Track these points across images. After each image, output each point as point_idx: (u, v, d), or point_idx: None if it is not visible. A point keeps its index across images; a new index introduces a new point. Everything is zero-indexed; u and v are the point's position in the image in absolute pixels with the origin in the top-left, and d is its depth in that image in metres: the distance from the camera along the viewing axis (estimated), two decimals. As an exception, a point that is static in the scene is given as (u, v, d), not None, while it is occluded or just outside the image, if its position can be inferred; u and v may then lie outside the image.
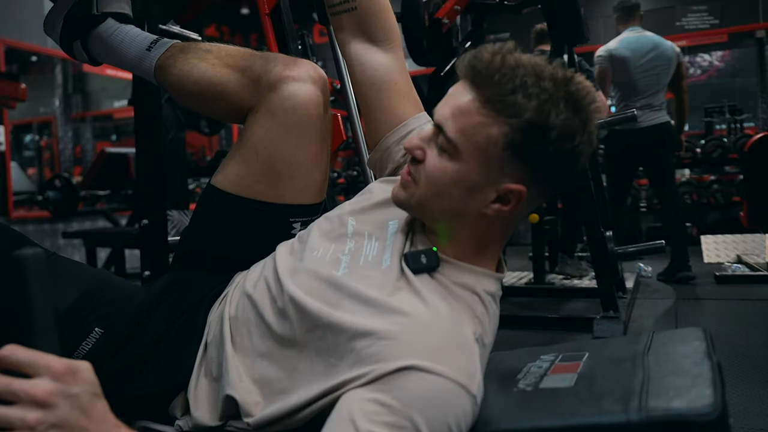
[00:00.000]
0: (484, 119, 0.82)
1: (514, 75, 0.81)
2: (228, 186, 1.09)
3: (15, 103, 4.82)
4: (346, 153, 6.49)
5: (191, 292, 1.04)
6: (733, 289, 3.55)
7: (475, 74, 0.83)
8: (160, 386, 0.96)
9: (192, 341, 0.98)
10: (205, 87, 1.12)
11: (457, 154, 0.84)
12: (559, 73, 0.83)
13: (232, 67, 1.11)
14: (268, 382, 0.88)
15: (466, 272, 0.89)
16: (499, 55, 0.83)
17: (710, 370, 0.84)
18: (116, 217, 5.25)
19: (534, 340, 2.57)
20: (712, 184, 5.76)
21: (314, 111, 1.06)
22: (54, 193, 4.80)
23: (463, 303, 0.87)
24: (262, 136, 1.06)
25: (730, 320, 2.84)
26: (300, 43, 3.15)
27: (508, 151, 0.82)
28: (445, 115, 0.85)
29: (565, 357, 1.01)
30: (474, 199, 0.86)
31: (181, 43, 1.20)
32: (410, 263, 0.88)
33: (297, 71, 1.06)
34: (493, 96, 0.81)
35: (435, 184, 0.86)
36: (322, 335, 0.84)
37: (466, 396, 0.76)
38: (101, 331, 0.99)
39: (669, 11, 7.16)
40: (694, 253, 4.81)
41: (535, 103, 0.80)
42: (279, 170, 1.06)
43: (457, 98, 0.85)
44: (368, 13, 1.12)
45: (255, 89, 1.08)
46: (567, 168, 0.86)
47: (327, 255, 0.94)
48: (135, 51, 1.21)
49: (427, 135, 0.89)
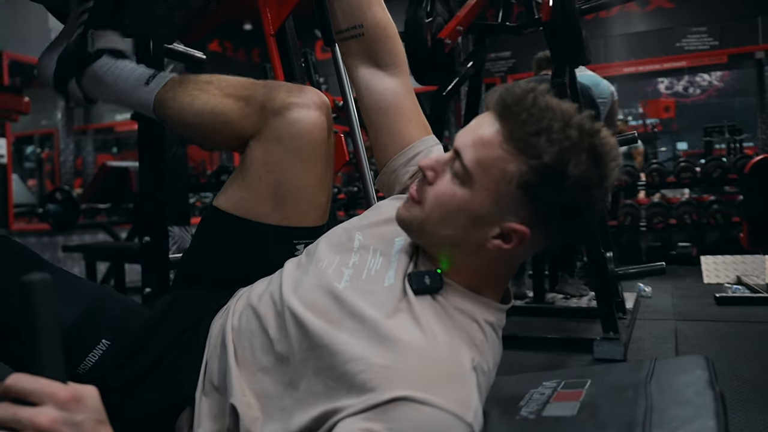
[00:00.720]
0: (503, 154, 0.82)
1: (542, 117, 0.81)
2: (232, 208, 1.10)
3: (18, 116, 4.84)
4: (346, 168, 6.50)
5: (193, 309, 1.05)
6: (733, 311, 3.53)
7: (504, 108, 0.83)
8: (164, 403, 0.96)
9: (195, 358, 0.98)
10: (208, 118, 1.12)
11: (470, 182, 0.84)
12: (586, 124, 0.83)
13: (234, 97, 1.11)
14: (269, 397, 0.88)
15: (467, 299, 0.89)
16: (531, 94, 0.83)
17: (713, 401, 0.84)
18: (116, 231, 5.25)
19: (534, 361, 2.56)
20: (711, 204, 5.76)
21: (319, 136, 1.07)
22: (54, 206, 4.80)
23: (462, 330, 0.86)
24: (267, 161, 1.07)
25: (730, 342, 2.83)
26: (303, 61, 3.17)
27: (521, 190, 0.82)
28: (466, 142, 0.85)
29: (567, 384, 1.01)
30: (476, 231, 0.86)
31: (179, 76, 1.19)
32: (413, 283, 0.89)
33: (301, 98, 1.07)
34: (518, 133, 0.81)
35: (441, 208, 0.87)
36: (320, 355, 0.84)
37: (461, 426, 0.76)
38: (108, 343, 0.99)
39: (669, 32, 7.20)
40: (693, 274, 4.81)
41: (557, 148, 0.80)
42: (284, 194, 1.08)
43: (481, 128, 0.85)
44: (375, 39, 1.15)
45: (258, 117, 1.09)
46: (576, 219, 0.86)
47: (331, 267, 0.95)
48: (132, 86, 1.20)
49: (443, 158, 0.89)
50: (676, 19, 7.22)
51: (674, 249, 5.88)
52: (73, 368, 0.96)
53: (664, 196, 6.28)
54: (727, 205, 5.69)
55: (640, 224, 5.90)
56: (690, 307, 3.69)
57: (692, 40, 7.10)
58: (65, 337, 0.64)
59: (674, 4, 7.24)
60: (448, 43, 2.70)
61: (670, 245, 6.02)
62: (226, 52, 8.81)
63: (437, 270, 0.90)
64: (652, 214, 5.88)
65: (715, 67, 7.36)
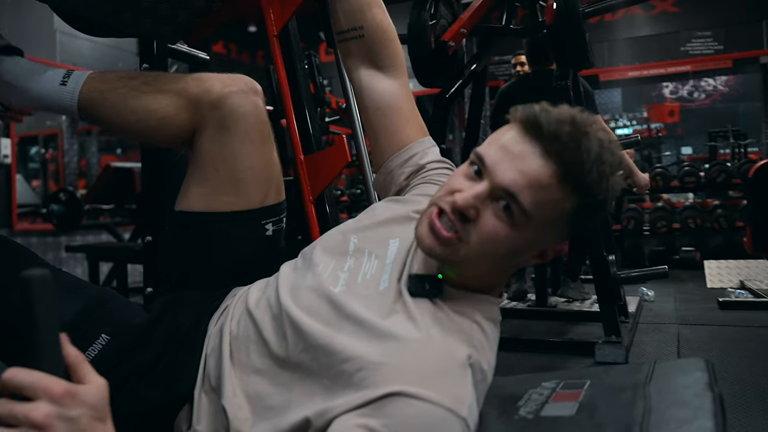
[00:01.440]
0: (561, 195, 0.80)
1: (589, 148, 0.79)
2: (195, 206, 1.11)
3: (22, 117, 4.86)
4: (349, 171, 6.51)
5: (189, 308, 1.05)
6: (735, 315, 3.53)
7: (561, 147, 0.79)
8: (162, 399, 0.96)
9: (193, 355, 0.99)
10: (145, 116, 1.11)
11: (526, 225, 0.82)
12: (606, 140, 0.82)
13: (166, 92, 1.11)
14: (260, 398, 0.88)
15: (466, 301, 0.89)
16: (586, 135, 0.80)
17: (712, 403, 0.83)
18: (120, 232, 5.26)
19: (535, 364, 2.56)
20: (715, 209, 5.75)
21: (261, 117, 1.10)
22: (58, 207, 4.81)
23: (459, 330, 0.86)
24: (218, 152, 1.08)
25: (732, 347, 2.82)
26: (306, 62, 3.18)
27: (570, 221, 0.84)
28: (520, 184, 0.80)
29: (566, 384, 1.01)
30: (519, 258, 0.89)
31: (98, 73, 1.16)
32: (412, 287, 0.88)
33: (236, 86, 1.09)
34: (575, 173, 0.79)
35: (488, 248, 0.84)
36: (316, 356, 0.84)
37: (455, 420, 0.76)
38: (108, 338, 0.99)
39: (673, 36, 7.21)
40: (697, 278, 4.80)
41: (605, 183, 0.81)
42: (242, 177, 1.09)
43: (533, 166, 0.80)
44: (375, 41, 1.15)
45: (196, 110, 1.09)
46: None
47: (327, 271, 0.95)
48: (47, 87, 1.13)
49: (482, 194, 0.83)
50: (680, 23, 7.22)
51: (678, 253, 5.87)
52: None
53: (668, 200, 6.28)
54: (731, 209, 5.69)
55: (643, 228, 5.90)
56: (693, 312, 3.68)
57: (697, 44, 7.10)
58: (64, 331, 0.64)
59: (679, 8, 7.24)
60: (451, 45, 2.70)
61: (673, 249, 6.01)
62: (231, 54, 8.84)
63: (438, 275, 0.90)
64: (656, 218, 5.88)
65: (719, 72, 7.35)
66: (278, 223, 1.15)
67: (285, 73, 1.75)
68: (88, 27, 1.55)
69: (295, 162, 1.75)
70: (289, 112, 1.76)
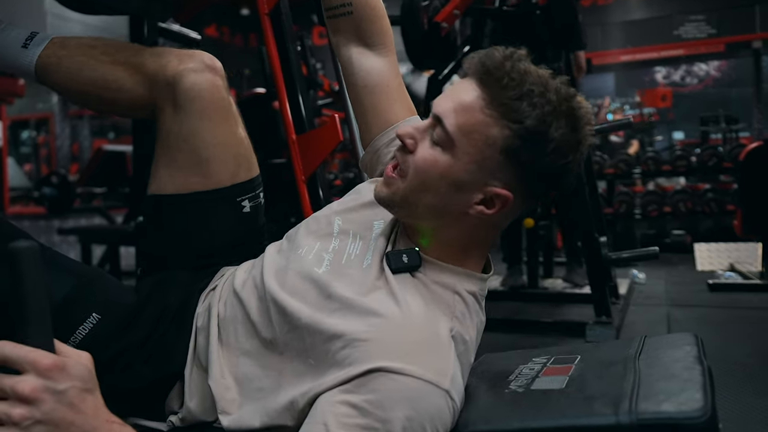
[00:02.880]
0: (486, 119, 0.81)
1: (523, 81, 0.81)
2: (166, 189, 1.10)
3: (13, 99, 4.82)
4: (342, 155, 6.50)
5: (177, 288, 1.05)
6: (725, 297, 3.56)
7: (485, 73, 0.82)
8: (154, 376, 0.96)
9: (183, 333, 0.99)
10: (101, 86, 1.11)
11: (452, 148, 0.83)
12: (563, 89, 0.83)
13: (123, 65, 1.10)
14: (248, 380, 0.88)
15: (447, 272, 0.89)
16: (510, 60, 0.83)
17: (701, 375, 0.84)
18: (112, 215, 5.24)
19: (527, 344, 2.57)
20: (706, 193, 5.77)
21: (218, 94, 1.08)
22: (50, 190, 4.79)
23: (441, 301, 0.87)
24: (178, 131, 1.07)
25: (721, 328, 2.85)
26: (299, 44, 3.16)
27: (504, 154, 0.82)
28: (447, 108, 0.84)
29: (557, 360, 1.02)
30: (459, 197, 0.85)
31: (60, 38, 1.15)
32: (391, 263, 0.88)
33: (192, 63, 1.07)
34: (500, 98, 0.81)
35: (422, 176, 0.86)
36: (301, 336, 0.85)
37: (438, 393, 0.76)
38: (98, 317, 0.98)
39: (666, 20, 7.20)
40: (687, 261, 4.84)
41: (538, 112, 0.80)
42: (206, 156, 1.07)
43: (462, 94, 0.84)
44: (363, 18, 1.12)
45: (152, 86, 1.08)
46: (554, 182, 0.87)
47: (311, 253, 0.95)
48: (9, 49, 1.13)
49: (422, 126, 0.88)
50: (673, 6, 7.21)
51: (669, 237, 5.90)
52: (65, 340, 0.95)
53: (660, 184, 6.30)
54: (721, 193, 5.71)
55: (634, 212, 5.92)
56: (683, 294, 3.71)
57: (690, 28, 7.10)
58: (55, 310, 0.64)
59: (672, -8, 7.24)
60: (444, 26, 2.69)
61: (664, 233, 6.04)
62: (223, 37, 8.78)
63: (415, 248, 0.90)
64: (647, 202, 5.90)
65: (712, 56, 7.37)
66: (255, 199, 1.13)
67: (276, 53, 1.74)
68: (76, 4, 1.54)
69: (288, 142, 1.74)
70: (281, 92, 1.76)
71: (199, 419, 0.93)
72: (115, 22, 3.07)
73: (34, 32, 1.14)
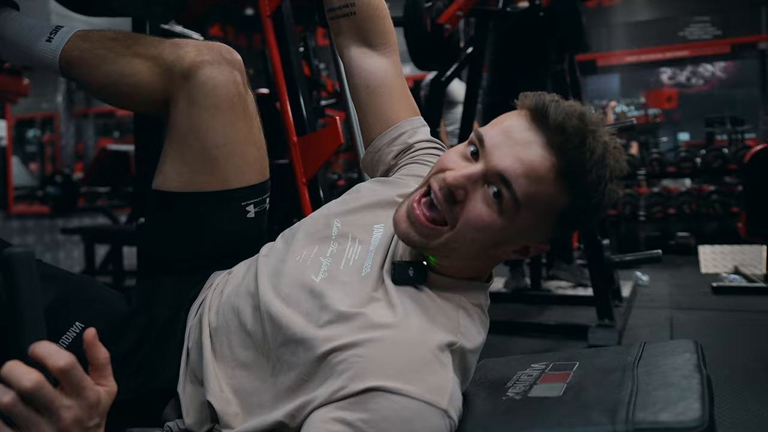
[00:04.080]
0: (556, 191, 0.79)
1: (603, 163, 0.78)
2: (170, 185, 1.06)
3: (17, 98, 4.83)
4: (346, 155, 6.50)
5: (166, 297, 1.02)
6: (729, 300, 3.54)
7: (565, 142, 0.77)
8: (141, 391, 0.93)
9: (173, 346, 0.96)
10: (117, 79, 1.08)
11: (514, 215, 0.80)
12: (611, 144, 0.81)
13: (142, 56, 1.07)
14: (247, 393, 0.86)
15: (452, 287, 0.88)
16: (592, 134, 0.78)
17: (699, 384, 0.84)
18: (116, 214, 5.26)
19: (529, 347, 2.57)
20: (711, 195, 5.75)
21: (234, 90, 1.04)
22: (54, 189, 4.81)
23: (444, 316, 0.85)
24: (189, 126, 1.03)
25: (725, 331, 2.84)
26: (303, 45, 3.16)
27: (559, 219, 0.82)
28: (517, 171, 0.78)
29: (555, 366, 1.01)
30: (498, 250, 0.85)
31: (82, 31, 1.13)
32: (396, 274, 0.86)
33: (210, 55, 1.04)
34: (574, 171, 0.78)
35: (474, 235, 0.82)
36: (295, 350, 0.82)
37: (435, 413, 0.74)
38: (82, 326, 0.95)
39: (671, 21, 7.18)
40: (691, 263, 4.82)
41: (602, 186, 0.79)
42: (215, 154, 1.04)
43: (533, 155, 0.78)
44: (366, 18, 1.11)
45: (169, 78, 1.05)
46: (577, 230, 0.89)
47: (309, 258, 0.92)
48: (34, 43, 1.12)
49: (475, 176, 0.80)
50: (678, 8, 7.19)
51: (673, 239, 5.88)
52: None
53: (664, 186, 6.28)
54: (726, 195, 5.69)
55: (639, 213, 5.90)
56: (686, 296, 3.70)
57: (695, 29, 7.07)
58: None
59: (678, -7, 7.21)
60: (447, 28, 2.69)
61: (669, 235, 6.02)
62: (227, 37, 8.78)
63: (423, 263, 0.88)
64: (652, 203, 5.88)
65: (717, 57, 7.33)
66: (261, 204, 1.10)
67: (278, 54, 1.74)
68: (79, 6, 1.54)
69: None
70: (282, 95, 1.75)
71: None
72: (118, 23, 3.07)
73: (59, 26, 1.13)
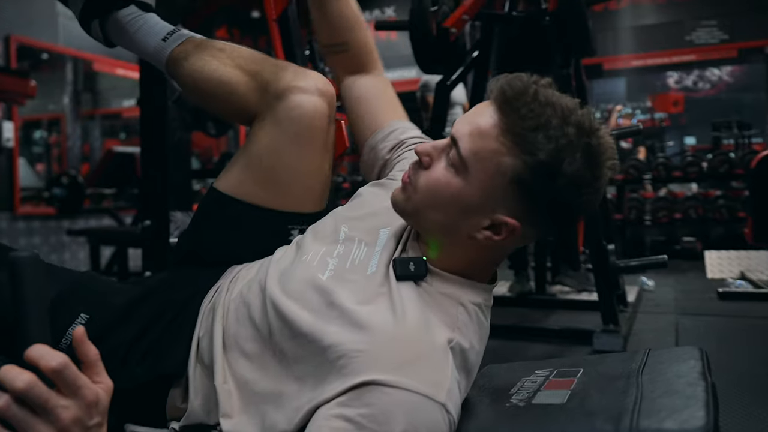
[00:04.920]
0: (499, 147, 0.82)
1: (542, 112, 0.81)
2: (230, 190, 1.12)
3: (24, 100, 4.86)
4: (351, 158, 6.50)
5: (183, 287, 1.06)
6: (735, 306, 3.52)
7: (504, 100, 0.83)
8: (149, 377, 0.96)
9: (183, 333, 0.99)
10: (215, 85, 1.14)
11: (464, 172, 0.84)
12: (585, 122, 0.83)
13: (242, 69, 1.13)
14: (249, 384, 0.88)
15: (452, 283, 0.90)
16: (533, 88, 0.83)
17: (704, 392, 0.84)
18: (121, 216, 5.27)
19: (533, 352, 2.56)
20: (717, 199, 5.73)
21: (318, 123, 1.08)
22: (60, 190, 4.83)
23: (443, 312, 0.87)
24: (266, 144, 1.09)
25: (731, 337, 2.83)
26: (308, 49, 3.16)
27: (513, 184, 0.82)
28: (464, 131, 0.85)
29: (559, 372, 1.01)
30: (467, 221, 0.86)
31: (196, 38, 1.21)
32: (398, 269, 0.89)
33: (305, 82, 1.08)
34: (515, 127, 0.81)
35: (433, 195, 0.87)
36: (301, 343, 0.85)
37: (433, 406, 0.76)
38: (87, 317, 0.99)
39: (678, 25, 7.16)
40: (697, 268, 4.80)
41: (553, 146, 0.80)
42: (281, 178, 1.09)
43: (479, 118, 0.85)
44: (357, 54, 1.26)
45: (262, 95, 1.10)
46: (566, 216, 0.87)
47: (316, 258, 0.96)
48: (151, 40, 1.22)
49: (440, 145, 0.89)
50: (685, 12, 7.17)
51: (679, 243, 5.86)
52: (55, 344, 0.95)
53: (670, 190, 6.26)
54: (733, 200, 5.67)
55: (644, 218, 5.89)
56: (692, 302, 3.68)
57: (702, 33, 7.06)
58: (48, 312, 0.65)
59: (685, -3, 7.20)
60: (453, 32, 2.69)
61: (675, 239, 6.00)
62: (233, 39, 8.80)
63: (423, 257, 0.91)
64: (657, 208, 5.87)
65: (724, 62, 7.31)
66: (303, 230, 1.12)
67: (284, 57, 1.74)
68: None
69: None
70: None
71: (202, 421, 0.92)
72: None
73: (177, 28, 1.22)
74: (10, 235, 5.15)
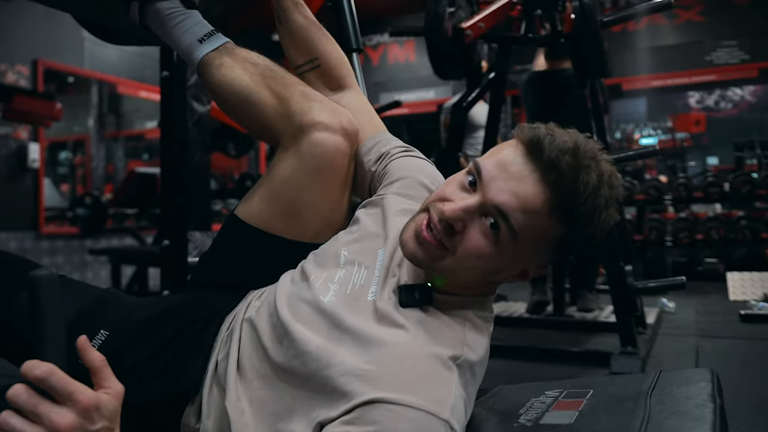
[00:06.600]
0: (550, 223, 0.82)
1: (597, 194, 0.81)
2: (250, 218, 1.12)
3: (50, 122, 4.97)
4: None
5: (203, 306, 1.07)
6: (757, 328, 3.47)
7: (557, 177, 0.80)
8: (165, 393, 0.97)
9: (201, 352, 1.00)
10: (242, 101, 1.14)
11: (511, 245, 0.84)
12: (609, 173, 0.84)
13: (272, 91, 1.12)
14: (262, 404, 0.89)
15: (457, 302, 0.91)
16: (586, 168, 0.81)
17: (712, 413, 0.83)
18: (143, 236, 5.34)
19: (551, 374, 2.54)
20: (740, 220, 5.66)
21: (339, 161, 1.09)
22: (83, 210, 4.91)
23: (450, 330, 0.87)
24: (287, 177, 1.09)
25: (752, 360, 2.78)
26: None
27: (555, 247, 0.86)
28: (512, 205, 0.81)
29: (569, 393, 1.01)
30: (497, 276, 0.90)
31: (231, 46, 1.20)
32: (403, 298, 0.90)
33: (331, 119, 1.08)
34: (568, 205, 0.81)
35: (473, 262, 0.86)
36: (305, 361, 0.86)
37: (437, 423, 0.76)
38: (107, 334, 1.01)
39: (697, 45, 7.13)
40: (719, 290, 4.73)
41: (597, 216, 0.82)
42: (299, 211, 1.09)
43: (528, 190, 0.81)
44: (330, 67, 1.24)
45: (287, 123, 1.10)
46: (585, 250, 0.93)
47: (318, 282, 0.97)
48: (187, 38, 1.20)
49: (472, 208, 0.84)
50: (705, 32, 7.15)
51: (701, 264, 5.79)
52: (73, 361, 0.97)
53: (692, 211, 6.20)
54: (756, 221, 5.60)
55: (665, 239, 5.83)
56: (713, 324, 3.63)
57: (722, 53, 7.02)
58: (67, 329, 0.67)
59: (704, 18, 7.16)
60: (468, 33, 2.71)
61: (696, 261, 5.93)
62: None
63: (428, 284, 0.91)
64: (679, 228, 5.81)
65: (745, 82, 7.25)
66: None
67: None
68: (109, 36, 1.60)
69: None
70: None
71: None
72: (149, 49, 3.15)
73: (214, 31, 1.21)
74: (35, 253, 5.24)
